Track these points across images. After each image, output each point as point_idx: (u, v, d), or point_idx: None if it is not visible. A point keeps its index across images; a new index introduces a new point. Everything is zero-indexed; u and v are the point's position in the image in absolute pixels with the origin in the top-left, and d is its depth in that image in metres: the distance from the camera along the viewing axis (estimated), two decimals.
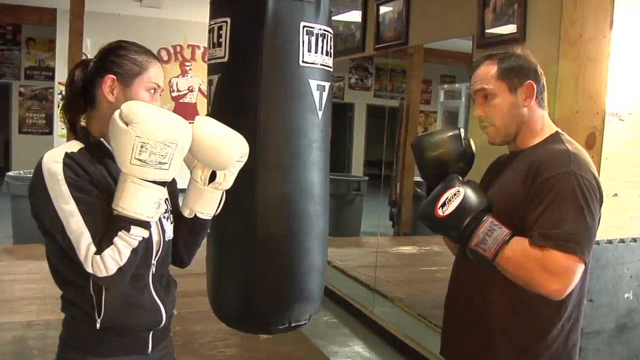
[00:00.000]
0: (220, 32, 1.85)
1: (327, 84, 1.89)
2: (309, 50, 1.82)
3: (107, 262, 1.30)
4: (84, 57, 6.10)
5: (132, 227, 1.31)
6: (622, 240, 2.54)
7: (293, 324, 1.91)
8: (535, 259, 1.43)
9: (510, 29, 2.94)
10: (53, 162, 1.36)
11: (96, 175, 1.40)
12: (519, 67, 1.62)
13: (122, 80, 1.45)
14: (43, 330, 3.79)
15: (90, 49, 8.15)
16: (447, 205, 1.54)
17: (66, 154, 1.38)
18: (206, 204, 1.57)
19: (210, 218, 1.61)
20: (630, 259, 2.57)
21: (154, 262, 1.51)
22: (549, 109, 2.49)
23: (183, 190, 1.58)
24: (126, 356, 1.51)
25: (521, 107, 1.61)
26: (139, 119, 1.29)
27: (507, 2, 2.97)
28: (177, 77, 9.52)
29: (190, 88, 9.58)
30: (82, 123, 1.51)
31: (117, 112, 1.31)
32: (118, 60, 1.45)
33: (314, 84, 1.83)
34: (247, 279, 1.87)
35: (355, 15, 4.72)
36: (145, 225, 1.34)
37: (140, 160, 1.29)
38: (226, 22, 1.84)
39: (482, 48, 3.11)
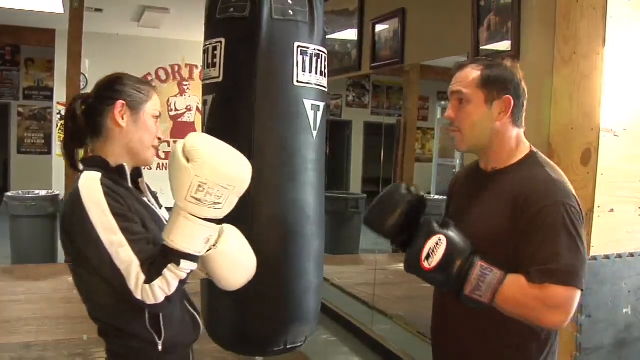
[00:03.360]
0: (215, 52, 1.86)
1: (321, 104, 1.89)
2: (304, 70, 1.82)
3: (156, 292, 1.34)
4: (82, 78, 6.17)
5: (182, 260, 1.34)
6: (619, 256, 2.54)
7: (289, 346, 1.89)
8: (535, 297, 1.42)
9: (504, 46, 2.97)
10: (95, 192, 1.38)
11: (127, 200, 1.44)
12: (502, 79, 1.56)
13: (131, 107, 1.51)
14: (41, 352, 3.77)
15: (88, 69, 8.21)
16: (432, 256, 1.48)
17: (102, 183, 1.40)
18: None
19: None
20: (628, 274, 2.57)
21: None
22: (544, 126, 2.53)
23: None
24: None
25: (494, 120, 1.56)
26: (201, 157, 1.31)
27: (501, 20, 3.00)
28: (175, 96, 9.56)
29: (189, 107, 9.62)
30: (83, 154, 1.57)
31: (179, 145, 1.34)
32: (125, 89, 1.51)
33: (308, 103, 1.84)
34: (242, 300, 1.84)
35: (351, 34, 4.76)
36: (194, 259, 1.36)
37: (195, 198, 1.31)
38: (221, 42, 1.85)
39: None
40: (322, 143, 1.93)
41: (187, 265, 1.35)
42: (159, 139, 1.58)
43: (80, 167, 1.53)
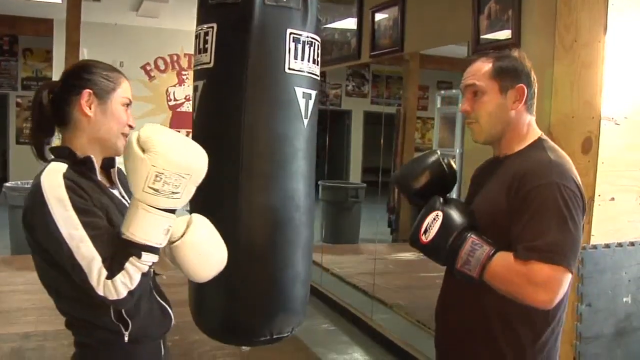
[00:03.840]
0: (207, 37, 1.83)
1: (313, 92, 1.86)
2: (295, 58, 1.80)
3: (119, 287, 1.31)
4: None
5: (143, 253, 1.32)
6: (619, 245, 2.53)
7: (275, 336, 1.87)
8: (520, 273, 1.43)
9: (505, 34, 2.95)
10: (57, 186, 1.35)
11: (92, 194, 1.42)
12: (514, 69, 1.61)
13: (99, 96, 1.47)
14: (41, 342, 3.77)
15: (87, 59, 8.14)
16: (429, 231, 1.56)
17: (64, 175, 1.37)
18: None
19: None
20: (628, 263, 2.56)
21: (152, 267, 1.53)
22: (545, 114, 2.52)
23: None
24: None
25: (509, 109, 1.60)
26: (156, 147, 1.28)
27: (501, 8, 2.98)
28: (174, 86, 9.52)
29: (187, 97, 9.57)
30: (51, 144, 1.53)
31: (134, 136, 1.31)
32: (91, 77, 1.48)
33: (299, 91, 1.81)
34: (228, 289, 1.82)
35: (350, 23, 4.74)
36: (155, 250, 1.34)
37: (153, 189, 1.28)
38: (212, 27, 1.82)
39: (478, 54, 3.12)
40: (313, 132, 1.91)
41: (148, 258, 1.33)
42: (130, 126, 1.54)
43: (50, 157, 1.50)
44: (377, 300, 4.35)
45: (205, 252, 1.49)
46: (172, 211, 1.34)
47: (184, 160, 1.31)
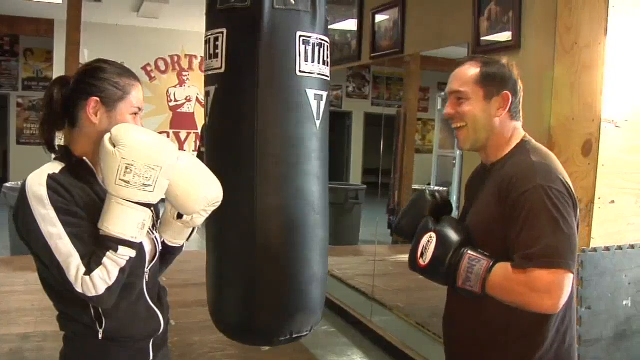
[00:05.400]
0: (217, 43, 1.85)
1: (324, 93, 1.89)
2: (306, 60, 1.82)
3: (97, 282, 1.34)
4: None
5: (120, 247, 1.35)
6: (619, 247, 2.53)
7: (295, 335, 1.90)
8: (521, 282, 1.43)
9: (505, 36, 2.95)
10: (38, 185, 1.38)
11: (80, 195, 1.42)
12: (500, 75, 1.60)
13: (106, 104, 1.47)
14: (40, 342, 3.77)
15: (87, 59, 8.14)
16: (425, 253, 1.55)
17: (49, 176, 1.40)
18: (175, 235, 1.63)
19: (180, 245, 1.66)
20: (628, 265, 2.56)
21: (147, 270, 1.55)
22: (545, 117, 2.51)
23: None
24: None
25: (492, 117, 1.59)
26: (126, 141, 1.34)
27: (502, 9, 2.98)
28: (175, 87, 9.53)
29: (188, 98, 9.59)
30: (59, 141, 1.54)
31: (107, 135, 1.37)
32: (100, 84, 1.48)
33: (311, 93, 1.84)
34: (247, 290, 1.87)
35: (351, 24, 4.73)
36: (131, 245, 1.37)
37: (124, 181, 1.33)
38: (222, 32, 1.84)
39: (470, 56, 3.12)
40: (326, 133, 1.94)
41: (125, 252, 1.36)
42: None
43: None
44: (377, 302, 4.34)
45: (198, 171, 1.55)
46: (147, 206, 1.38)
47: (152, 152, 1.36)
